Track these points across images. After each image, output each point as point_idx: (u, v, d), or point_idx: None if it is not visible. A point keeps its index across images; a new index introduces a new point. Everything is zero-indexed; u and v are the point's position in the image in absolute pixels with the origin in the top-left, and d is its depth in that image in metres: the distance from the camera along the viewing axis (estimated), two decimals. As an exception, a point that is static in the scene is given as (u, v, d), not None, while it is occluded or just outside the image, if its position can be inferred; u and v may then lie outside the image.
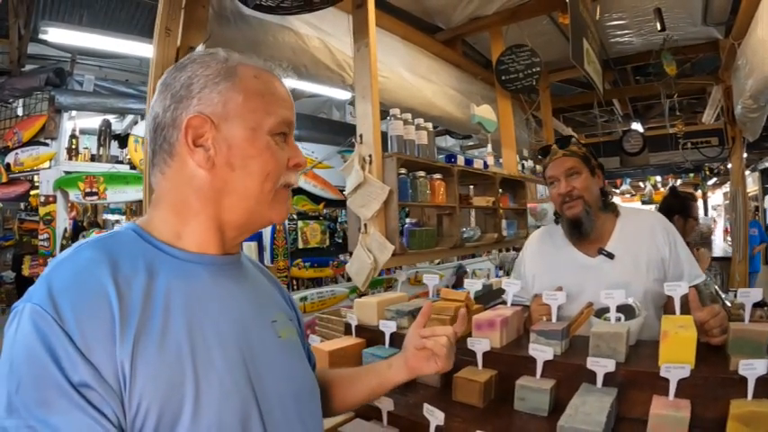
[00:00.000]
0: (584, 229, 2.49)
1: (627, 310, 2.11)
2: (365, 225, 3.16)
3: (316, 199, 8.02)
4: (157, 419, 0.91)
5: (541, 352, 1.92)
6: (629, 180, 17.11)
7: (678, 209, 4.58)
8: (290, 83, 1.29)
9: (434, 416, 1.74)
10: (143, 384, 0.91)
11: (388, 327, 2.39)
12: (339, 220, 8.27)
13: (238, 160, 1.11)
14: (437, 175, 3.65)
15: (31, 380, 0.84)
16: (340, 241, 7.86)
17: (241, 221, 1.17)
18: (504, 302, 2.40)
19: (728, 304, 3.74)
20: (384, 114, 3.39)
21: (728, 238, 10.95)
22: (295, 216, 7.51)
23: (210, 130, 1.10)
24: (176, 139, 1.11)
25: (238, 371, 1.06)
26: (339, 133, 7.89)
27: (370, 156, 3.14)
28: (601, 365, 1.77)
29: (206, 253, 1.14)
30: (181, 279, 1.06)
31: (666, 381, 1.63)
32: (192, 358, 0.98)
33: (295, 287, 7.13)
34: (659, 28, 5.46)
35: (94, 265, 0.97)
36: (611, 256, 2.48)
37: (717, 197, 20.07)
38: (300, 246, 7.39)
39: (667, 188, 6.58)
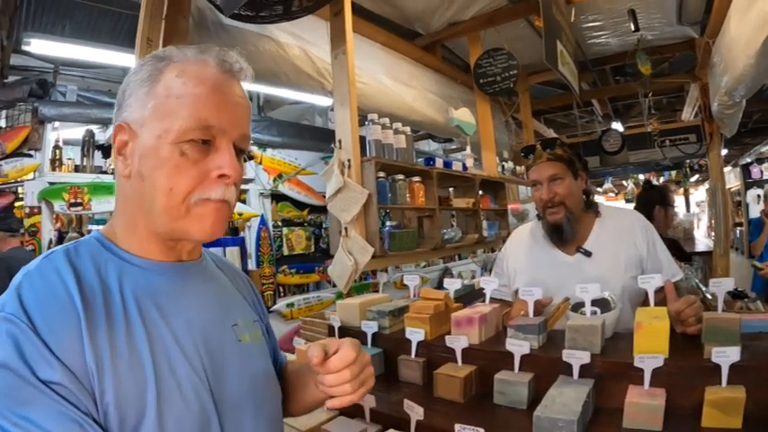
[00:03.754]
0: (565, 236, 2.53)
1: (602, 304, 2.15)
2: (346, 228, 3.20)
3: (300, 205, 8.01)
4: (121, 420, 0.94)
5: (518, 346, 1.96)
6: (610, 179, 17.16)
7: (658, 199, 4.65)
8: (272, 90, 1.24)
9: (414, 411, 1.77)
10: (109, 387, 0.94)
11: (370, 327, 2.44)
12: (324, 225, 8.26)
13: (146, 170, 1.06)
14: (416, 178, 3.70)
15: (10, 384, 0.86)
16: (325, 247, 7.86)
17: (166, 235, 1.12)
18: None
19: (709, 297, 3.80)
20: (363, 120, 3.44)
21: (712, 234, 11.01)
22: (280, 223, 7.51)
23: (131, 138, 1.08)
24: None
25: (197, 376, 1.07)
26: (322, 140, 7.88)
27: (349, 160, 3.19)
28: (576, 357, 1.81)
29: (163, 260, 1.15)
30: (140, 287, 1.08)
31: (642, 371, 1.67)
32: (154, 364, 1.00)
33: (282, 293, 7.13)
34: (633, 29, 5.52)
35: (60, 274, 1.00)
36: (588, 254, 2.52)
37: (700, 194, 20.12)
38: (286, 252, 7.42)
39: (642, 183, 6.65)
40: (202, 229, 1.09)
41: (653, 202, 4.58)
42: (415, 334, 2.26)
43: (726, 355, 1.56)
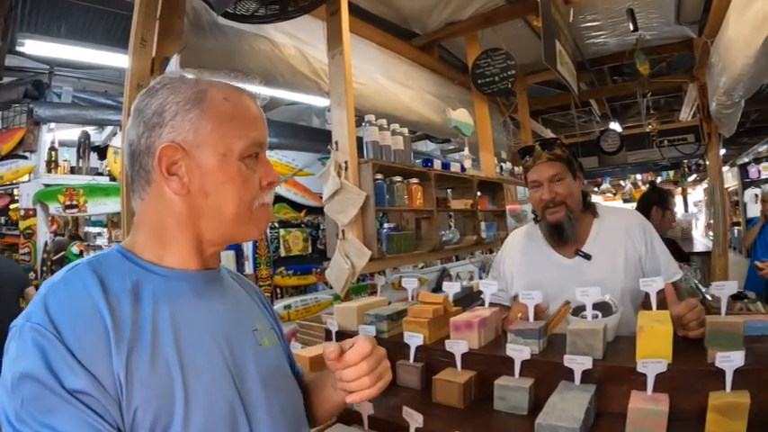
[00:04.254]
0: (566, 235, 2.50)
1: (603, 308, 2.12)
2: (343, 231, 3.17)
3: (297, 207, 8.00)
4: (151, 426, 0.97)
5: (519, 351, 1.93)
6: (608, 179, 17.17)
7: (656, 200, 4.69)
8: (268, 91, 1.30)
9: (413, 418, 1.75)
10: (138, 394, 0.96)
11: (368, 331, 2.40)
12: (321, 227, 8.25)
13: (211, 186, 1.14)
14: (414, 180, 3.69)
15: (35, 393, 0.89)
16: (322, 248, 7.85)
17: (220, 241, 1.22)
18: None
19: (709, 298, 3.79)
20: (360, 121, 3.41)
21: (710, 234, 11.00)
22: (276, 224, 7.49)
23: (183, 158, 1.12)
24: (152, 167, 1.13)
25: (222, 375, 1.11)
26: (319, 140, 7.85)
27: (345, 162, 3.16)
28: (578, 363, 1.79)
29: (188, 269, 1.18)
30: (166, 295, 1.11)
31: (645, 375, 1.65)
32: (181, 370, 1.03)
33: (279, 295, 7.11)
34: (632, 29, 5.52)
35: (86, 285, 1.02)
36: (587, 257, 2.49)
37: (698, 193, 20.12)
38: (283, 254, 7.40)
39: (648, 183, 6.71)
40: (259, 228, 1.25)
41: (651, 203, 4.63)
42: (414, 338, 2.22)
43: (730, 360, 1.53)
